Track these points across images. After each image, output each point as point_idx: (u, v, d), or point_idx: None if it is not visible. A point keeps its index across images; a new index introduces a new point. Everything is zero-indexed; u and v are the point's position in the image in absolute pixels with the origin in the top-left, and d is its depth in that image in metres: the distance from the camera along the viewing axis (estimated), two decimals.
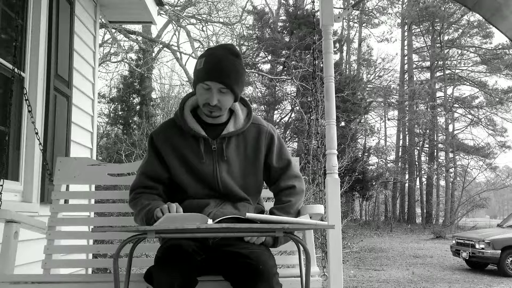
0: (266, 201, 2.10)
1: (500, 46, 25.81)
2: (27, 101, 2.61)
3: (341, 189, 3.69)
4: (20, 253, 2.03)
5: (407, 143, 27.05)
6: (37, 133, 2.75)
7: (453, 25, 26.72)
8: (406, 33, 27.79)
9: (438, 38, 26.70)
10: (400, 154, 27.26)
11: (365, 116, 23.35)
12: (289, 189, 1.84)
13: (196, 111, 1.84)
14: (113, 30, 12.92)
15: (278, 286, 1.53)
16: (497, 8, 2.08)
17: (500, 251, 8.75)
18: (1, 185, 2.17)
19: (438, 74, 27.58)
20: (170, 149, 1.78)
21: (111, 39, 14.90)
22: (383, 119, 28.61)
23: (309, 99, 15.48)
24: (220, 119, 1.80)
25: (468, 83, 26.85)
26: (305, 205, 1.90)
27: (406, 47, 27.80)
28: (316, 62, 2.52)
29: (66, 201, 2.55)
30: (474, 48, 26.91)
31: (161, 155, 1.79)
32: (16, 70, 2.40)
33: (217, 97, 1.68)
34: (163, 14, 13.95)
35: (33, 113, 2.71)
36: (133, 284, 1.66)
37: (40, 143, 2.77)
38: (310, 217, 1.86)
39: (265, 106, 20.15)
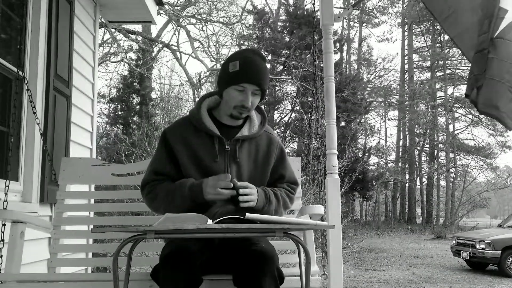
0: None
1: None
2: (32, 103, 2.62)
3: (341, 189, 3.68)
4: (24, 252, 2.05)
5: (407, 143, 27.05)
6: (42, 134, 2.76)
7: None
8: (406, 33, 27.79)
9: (439, 37, 26.66)
10: (400, 154, 27.25)
11: (366, 116, 23.36)
12: (287, 190, 1.90)
13: (212, 111, 1.88)
14: (113, 30, 12.92)
15: (278, 265, 1.59)
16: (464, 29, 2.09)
17: (500, 251, 8.74)
18: (7, 186, 2.21)
19: (438, 74, 27.57)
20: (183, 146, 1.79)
21: (110, 39, 14.91)
22: (384, 119, 28.63)
23: (309, 99, 15.49)
24: (237, 122, 1.85)
25: None
26: (305, 206, 1.92)
27: (406, 47, 27.80)
28: (317, 62, 2.51)
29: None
30: None
31: (173, 152, 1.80)
32: (20, 73, 2.40)
33: (250, 98, 1.75)
34: (163, 14, 13.96)
35: (36, 114, 2.72)
36: (133, 283, 1.66)
37: (45, 146, 2.78)
38: (310, 218, 1.87)
39: (265, 106, 20.13)
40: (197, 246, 1.62)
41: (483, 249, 8.90)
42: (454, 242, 10.02)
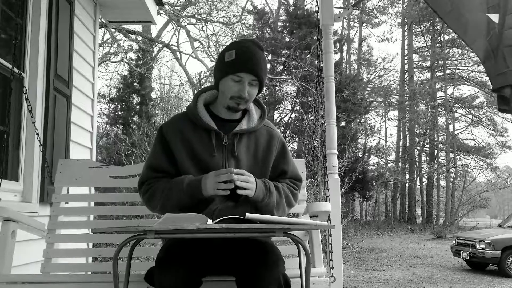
0: None
1: None
2: (27, 101, 2.61)
3: (341, 189, 3.68)
4: (18, 253, 2.02)
5: (407, 143, 27.04)
6: (37, 134, 2.74)
7: None
8: (406, 33, 27.78)
9: (439, 37, 26.67)
10: (400, 154, 27.25)
11: (366, 116, 23.34)
12: (290, 186, 1.84)
13: (209, 106, 1.83)
14: (113, 30, 12.92)
15: (284, 270, 1.53)
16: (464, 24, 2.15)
17: (500, 251, 8.74)
18: None
19: (438, 74, 27.57)
20: (179, 141, 1.75)
21: (110, 39, 14.91)
22: (384, 119, 28.62)
23: (309, 99, 15.48)
24: (235, 115, 1.80)
25: (468, 83, 26.82)
26: (311, 203, 1.87)
27: (406, 47, 27.79)
28: (318, 62, 2.51)
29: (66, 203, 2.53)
30: None
31: (170, 148, 1.76)
32: (16, 69, 2.40)
33: (247, 89, 1.70)
34: (163, 14, 13.96)
35: (33, 113, 2.71)
36: (133, 284, 1.65)
37: (40, 144, 2.76)
38: (317, 216, 1.84)
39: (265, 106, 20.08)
40: (196, 247, 1.60)
41: (483, 249, 8.89)
42: (454, 242, 10.01)
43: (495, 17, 2.03)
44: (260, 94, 1.81)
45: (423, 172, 26.73)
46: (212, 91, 1.85)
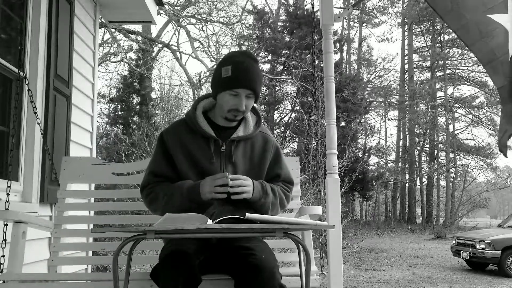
0: None
1: None
2: (32, 103, 2.62)
3: (341, 189, 3.68)
4: (25, 252, 2.07)
5: (407, 143, 27.04)
6: (42, 134, 2.76)
7: None
8: (406, 33, 27.78)
9: (439, 38, 26.67)
10: (400, 154, 27.24)
11: (366, 116, 23.35)
12: (283, 188, 1.91)
13: (207, 113, 1.91)
14: (113, 30, 12.92)
15: (279, 276, 1.56)
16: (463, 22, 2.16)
17: (500, 251, 8.75)
18: (9, 186, 2.22)
19: (438, 74, 27.57)
20: (179, 148, 1.83)
21: (110, 39, 14.91)
22: (384, 119, 28.62)
23: (309, 99, 15.48)
24: (232, 123, 1.88)
25: (468, 83, 26.81)
26: (303, 206, 1.94)
27: (406, 47, 27.79)
28: (316, 62, 2.51)
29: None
30: None
31: (170, 154, 1.84)
32: (21, 73, 2.41)
33: (244, 102, 1.77)
34: (163, 14, 13.97)
35: (37, 115, 2.72)
36: (133, 283, 1.67)
37: (46, 145, 2.78)
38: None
39: (265, 106, 20.12)
40: (195, 246, 1.64)
41: (483, 249, 8.90)
42: (454, 242, 10.02)
43: (496, 17, 2.04)
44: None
45: (423, 172, 26.72)
46: (210, 99, 1.92)
